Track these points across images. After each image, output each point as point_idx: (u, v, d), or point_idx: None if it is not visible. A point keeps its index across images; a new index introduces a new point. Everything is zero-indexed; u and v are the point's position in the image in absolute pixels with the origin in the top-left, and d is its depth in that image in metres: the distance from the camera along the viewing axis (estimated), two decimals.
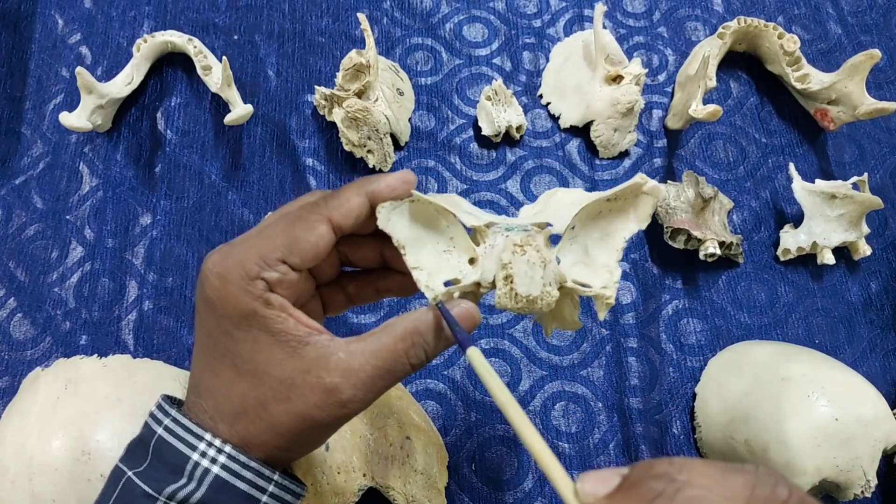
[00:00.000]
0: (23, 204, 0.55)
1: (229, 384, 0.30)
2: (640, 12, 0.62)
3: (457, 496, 0.46)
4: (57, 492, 0.40)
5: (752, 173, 0.56)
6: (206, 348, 0.30)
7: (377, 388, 0.30)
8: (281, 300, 0.29)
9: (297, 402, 0.29)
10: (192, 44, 0.57)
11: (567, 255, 0.33)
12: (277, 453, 0.30)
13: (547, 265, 0.30)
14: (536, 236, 0.31)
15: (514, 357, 0.50)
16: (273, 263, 0.29)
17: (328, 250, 0.30)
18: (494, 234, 0.31)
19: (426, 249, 0.32)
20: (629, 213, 0.33)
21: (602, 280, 0.32)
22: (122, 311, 0.52)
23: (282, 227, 0.30)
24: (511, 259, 0.30)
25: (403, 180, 0.31)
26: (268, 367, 0.29)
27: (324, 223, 0.30)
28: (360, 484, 0.40)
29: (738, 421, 0.45)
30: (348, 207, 0.30)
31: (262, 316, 0.29)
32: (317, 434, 0.30)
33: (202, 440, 0.29)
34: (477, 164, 0.56)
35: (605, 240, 0.33)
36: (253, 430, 0.30)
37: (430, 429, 0.46)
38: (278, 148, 0.57)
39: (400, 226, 0.31)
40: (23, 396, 0.46)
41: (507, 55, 0.60)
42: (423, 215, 0.32)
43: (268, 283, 0.29)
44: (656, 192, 0.32)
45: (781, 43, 0.55)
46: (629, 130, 0.56)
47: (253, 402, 0.29)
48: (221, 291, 0.29)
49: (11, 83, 0.59)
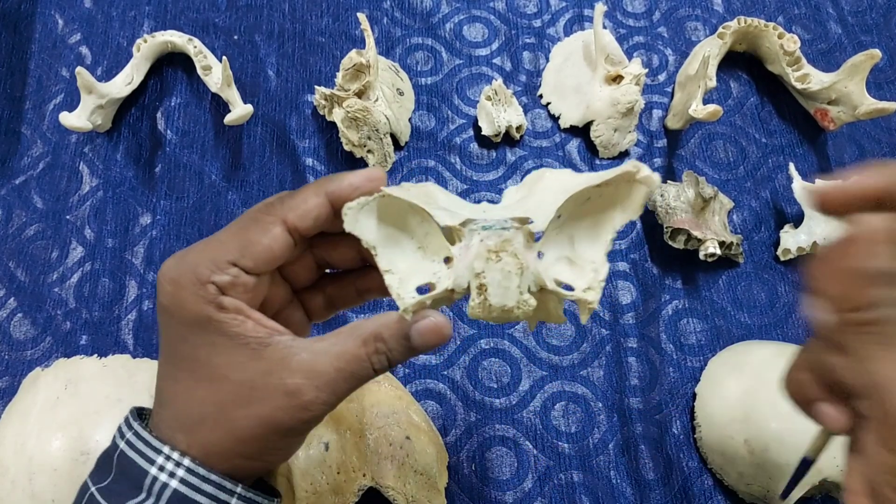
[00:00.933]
0: (23, 204, 0.55)
1: (188, 391, 0.29)
2: (640, 12, 0.62)
3: (457, 496, 0.46)
4: (56, 492, 0.40)
5: (752, 173, 0.56)
6: (167, 356, 0.30)
7: (340, 391, 0.28)
8: (236, 303, 0.28)
9: (257, 406, 0.28)
10: (192, 44, 0.57)
11: (552, 247, 0.30)
12: (242, 462, 0.29)
13: (524, 272, 0.28)
14: (514, 238, 0.28)
15: (514, 357, 0.50)
16: (223, 266, 0.28)
17: (285, 252, 0.29)
18: (471, 232, 0.28)
19: (399, 249, 0.30)
20: (620, 203, 0.30)
21: (586, 280, 0.29)
22: (122, 311, 0.52)
23: (234, 230, 0.29)
24: (485, 267, 0.28)
25: (369, 178, 0.29)
26: (227, 371, 0.28)
27: (278, 224, 0.29)
28: (360, 484, 0.40)
29: (738, 421, 0.45)
30: (305, 208, 0.29)
31: (216, 320, 0.28)
32: (281, 440, 0.29)
33: (160, 453, 0.28)
34: (477, 164, 0.56)
35: (594, 230, 0.30)
36: (213, 438, 0.29)
37: (430, 429, 0.46)
38: (278, 148, 0.57)
39: (369, 226, 0.29)
40: (23, 396, 0.46)
41: (507, 55, 0.60)
42: (394, 212, 0.30)
43: (218, 286, 0.28)
44: (650, 182, 0.29)
45: (781, 43, 0.55)
46: (629, 130, 0.56)
47: (212, 408, 0.28)
48: (174, 297, 0.28)
49: (11, 83, 0.59)
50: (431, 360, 0.50)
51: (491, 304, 0.28)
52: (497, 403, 0.49)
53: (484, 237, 0.28)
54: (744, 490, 0.45)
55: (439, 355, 0.50)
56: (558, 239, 0.30)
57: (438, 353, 0.50)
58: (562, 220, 0.30)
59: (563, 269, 0.30)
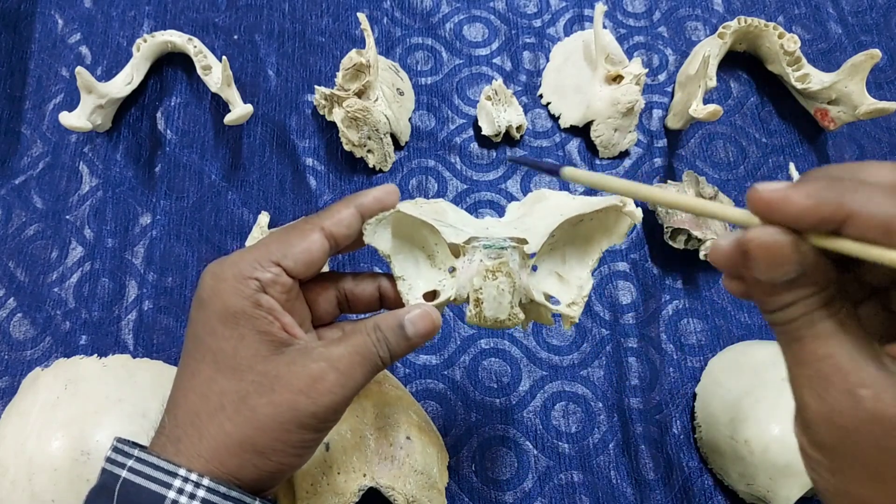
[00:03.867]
0: (23, 204, 0.55)
1: (208, 382, 0.30)
2: (641, 12, 0.62)
3: (457, 496, 0.46)
4: (56, 492, 0.40)
5: (752, 173, 0.56)
6: (189, 352, 0.31)
7: (357, 376, 0.31)
8: (271, 302, 0.30)
9: (280, 392, 0.29)
10: (192, 44, 0.57)
11: (545, 263, 0.35)
12: (253, 459, 0.29)
13: (516, 290, 0.32)
14: (510, 259, 0.32)
15: (514, 357, 0.50)
16: (266, 265, 0.30)
17: (322, 257, 0.32)
18: (473, 249, 0.33)
19: (410, 259, 0.34)
20: (607, 229, 0.34)
21: (571, 296, 0.34)
22: (121, 311, 0.52)
23: (277, 235, 0.32)
24: (482, 284, 0.32)
25: (388, 192, 0.33)
26: (252, 361, 0.30)
27: (316, 231, 0.32)
28: (360, 484, 0.40)
29: (738, 421, 0.45)
30: (339, 217, 0.32)
31: (250, 315, 0.30)
32: (297, 432, 0.30)
33: (176, 476, 0.28)
34: (477, 164, 0.56)
35: (583, 249, 0.35)
36: (229, 427, 0.29)
37: (430, 429, 0.45)
38: (278, 148, 0.57)
39: (385, 238, 0.34)
40: (23, 396, 0.46)
41: (507, 55, 0.60)
42: (407, 226, 0.34)
43: (260, 282, 0.30)
44: (633, 216, 0.33)
45: (782, 43, 0.55)
46: (629, 130, 0.56)
47: (233, 396, 0.29)
48: (214, 289, 0.30)
49: (11, 83, 0.59)
50: (431, 360, 0.50)
51: (485, 315, 0.33)
52: (497, 403, 0.49)
53: (483, 256, 0.32)
54: (744, 490, 0.45)
55: (439, 355, 0.50)
56: (551, 255, 0.35)
57: (438, 353, 0.50)
58: (556, 238, 0.34)
59: (553, 283, 0.35)
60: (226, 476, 0.29)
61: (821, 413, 0.23)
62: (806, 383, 0.23)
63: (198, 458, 0.29)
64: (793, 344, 0.24)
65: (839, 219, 0.22)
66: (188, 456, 0.29)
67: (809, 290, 0.23)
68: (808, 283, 0.23)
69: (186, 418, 0.30)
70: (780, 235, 0.23)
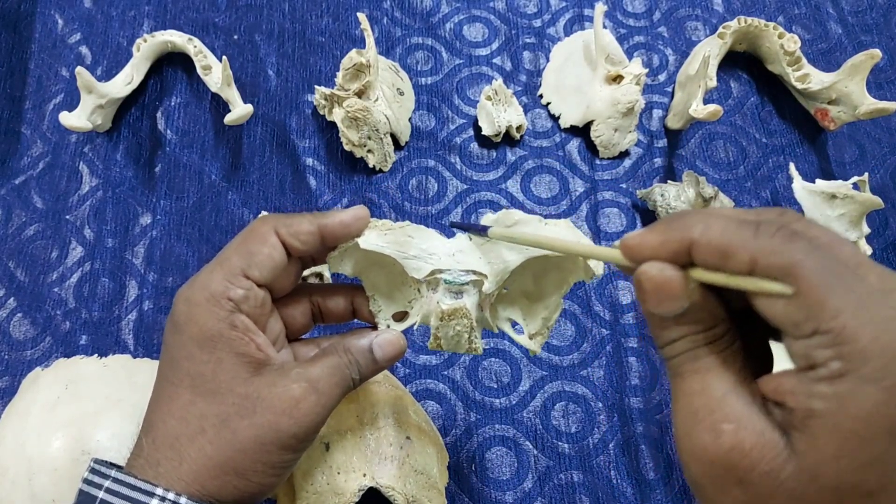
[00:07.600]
0: (23, 204, 0.55)
1: (187, 406, 0.30)
2: (641, 12, 0.62)
3: (457, 496, 0.46)
4: (57, 492, 0.40)
5: (752, 173, 0.56)
6: (165, 376, 0.31)
7: (333, 396, 0.31)
8: (246, 322, 0.30)
9: (262, 414, 0.29)
10: (192, 43, 0.57)
11: (516, 280, 0.35)
12: (233, 480, 0.29)
13: (474, 328, 0.34)
14: (469, 297, 0.33)
15: (514, 357, 0.50)
16: (236, 280, 0.30)
17: (283, 261, 0.32)
18: (435, 281, 0.34)
19: (381, 276, 0.35)
20: (576, 265, 0.34)
21: (536, 327, 0.35)
22: (122, 311, 0.52)
23: (235, 245, 0.32)
24: (439, 325, 0.34)
25: (356, 217, 0.32)
26: (232, 384, 0.30)
27: (272, 234, 0.31)
28: (360, 484, 0.40)
29: None
30: (297, 230, 0.32)
31: (227, 338, 0.30)
32: (278, 453, 0.30)
33: (153, 496, 0.28)
34: (477, 164, 0.56)
35: (554, 273, 0.35)
36: (210, 450, 0.29)
37: (430, 429, 0.45)
38: (278, 148, 0.57)
39: (351, 263, 0.34)
40: (23, 396, 0.46)
41: (507, 55, 0.60)
42: (374, 252, 0.34)
43: (234, 301, 0.30)
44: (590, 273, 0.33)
45: (782, 43, 0.55)
46: (629, 130, 0.56)
47: (213, 419, 0.29)
48: (188, 314, 0.30)
49: (11, 83, 0.59)
50: (431, 360, 0.50)
51: (444, 348, 0.35)
52: (497, 403, 0.49)
53: (442, 295, 0.33)
54: None
55: (439, 355, 0.50)
56: (524, 274, 0.35)
57: (438, 353, 0.50)
58: (526, 263, 0.34)
59: (518, 309, 0.36)
60: (207, 498, 0.29)
61: (687, 449, 0.23)
62: (679, 420, 0.24)
63: (178, 482, 0.29)
64: (675, 379, 0.24)
65: (685, 248, 0.23)
66: (168, 479, 0.29)
67: (695, 326, 0.24)
68: (694, 321, 0.24)
69: (166, 441, 0.29)
70: (668, 270, 0.23)
